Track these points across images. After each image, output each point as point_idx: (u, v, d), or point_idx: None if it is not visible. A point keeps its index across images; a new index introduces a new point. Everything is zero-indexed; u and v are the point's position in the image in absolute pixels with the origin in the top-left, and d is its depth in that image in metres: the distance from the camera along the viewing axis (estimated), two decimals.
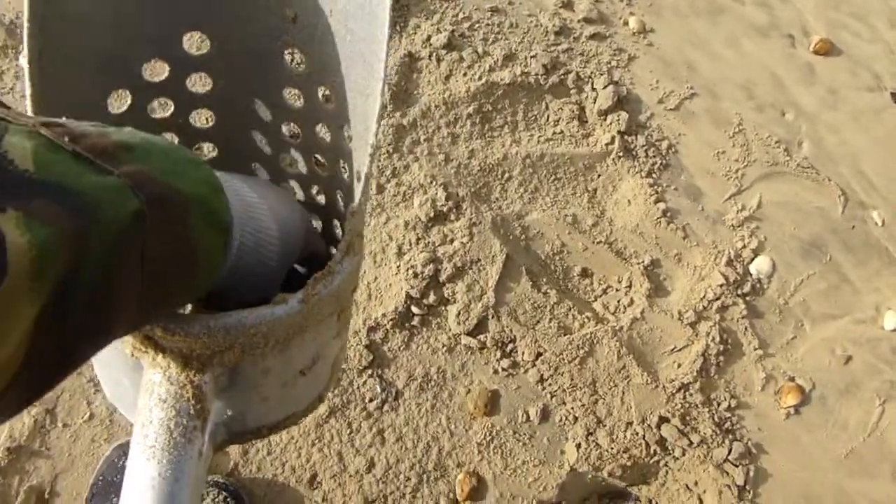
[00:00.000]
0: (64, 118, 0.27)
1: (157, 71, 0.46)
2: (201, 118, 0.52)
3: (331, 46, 0.43)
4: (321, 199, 0.53)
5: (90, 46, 0.40)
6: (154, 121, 0.49)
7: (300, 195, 0.55)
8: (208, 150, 0.54)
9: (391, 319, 1.09)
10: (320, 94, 0.47)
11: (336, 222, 0.52)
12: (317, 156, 0.50)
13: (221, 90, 0.49)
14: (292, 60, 0.47)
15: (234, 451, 1.00)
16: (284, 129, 0.51)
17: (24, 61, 0.35)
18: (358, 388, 1.06)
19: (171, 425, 0.34)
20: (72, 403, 0.99)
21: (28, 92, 0.36)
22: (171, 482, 0.34)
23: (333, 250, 0.48)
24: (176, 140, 0.51)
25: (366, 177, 0.39)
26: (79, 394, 0.99)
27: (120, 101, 0.45)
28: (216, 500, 0.93)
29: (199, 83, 0.49)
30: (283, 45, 0.45)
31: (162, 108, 0.49)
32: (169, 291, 0.30)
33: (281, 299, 0.35)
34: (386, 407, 1.06)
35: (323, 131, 0.48)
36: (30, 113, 0.37)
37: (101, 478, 0.93)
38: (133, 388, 0.38)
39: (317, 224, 0.55)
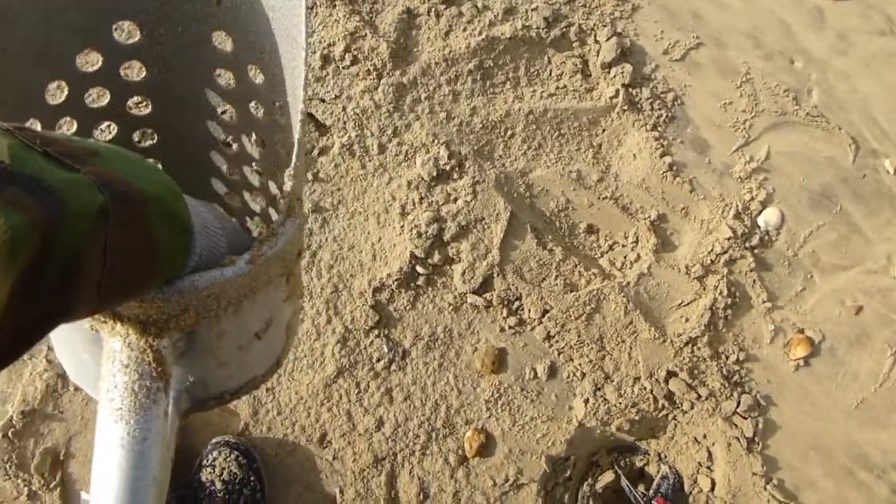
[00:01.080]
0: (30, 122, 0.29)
1: (90, 61, 0.48)
2: (141, 106, 0.54)
3: (255, 25, 0.44)
4: (254, 180, 0.55)
5: (24, 41, 0.41)
6: (91, 110, 0.50)
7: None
8: (148, 135, 0.56)
9: (396, 280, 1.09)
10: (251, 73, 0.48)
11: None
12: (253, 134, 0.52)
13: (155, 77, 0.51)
14: (220, 42, 0.48)
15: (244, 411, 1.01)
16: (223, 111, 0.53)
17: None
18: (365, 348, 1.06)
19: (136, 388, 0.36)
20: None
21: None
22: (139, 441, 0.36)
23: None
24: (116, 128, 0.54)
25: (298, 141, 0.40)
26: None
27: (58, 93, 0.47)
28: (228, 458, 0.94)
29: (133, 71, 0.50)
30: (211, 28, 0.46)
31: (100, 98, 0.50)
32: (128, 282, 0.32)
33: (229, 261, 0.37)
34: (393, 366, 1.07)
35: (257, 110, 0.50)
36: None
37: None
38: (94, 362, 0.40)
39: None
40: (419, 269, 1.10)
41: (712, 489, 1.09)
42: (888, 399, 1.16)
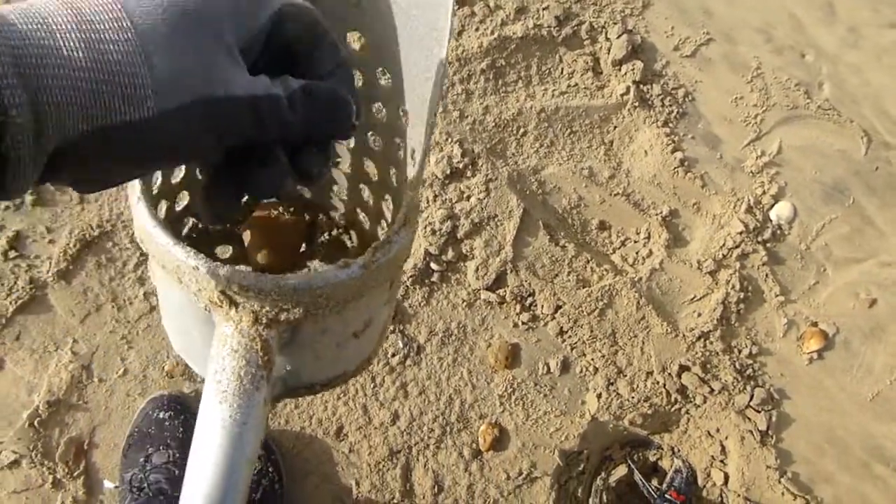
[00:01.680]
0: None
1: None
2: None
3: (391, 30, 0.45)
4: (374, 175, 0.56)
5: None
6: None
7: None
8: None
9: (411, 276, 1.10)
10: (378, 75, 0.49)
11: (387, 196, 0.54)
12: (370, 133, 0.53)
13: None
14: (354, 41, 0.49)
15: None
16: None
17: None
18: None
19: (242, 373, 0.37)
20: (106, 360, 1.03)
21: None
22: (239, 424, 0.37)
23: (380, 230, 0.55)
24: None
25: (423, 152, 0.42)
26: (112, 351, 1.03)
27: None
28: None
29: None
30: (346, 28, 0.48)
31: None
32: None
33: (344, 264, 0.39)
34: (408, 361, 1.08)
35: (379, 112, 0.51)
36: None
37: (136, 429, 0.97)
38: (201, 339, 0.42)
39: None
40: (433, 265, 1.12)
41: (726, 483, 1.10)
42: None
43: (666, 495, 1.06)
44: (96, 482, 0.98)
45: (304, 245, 0.60)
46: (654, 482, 1.09)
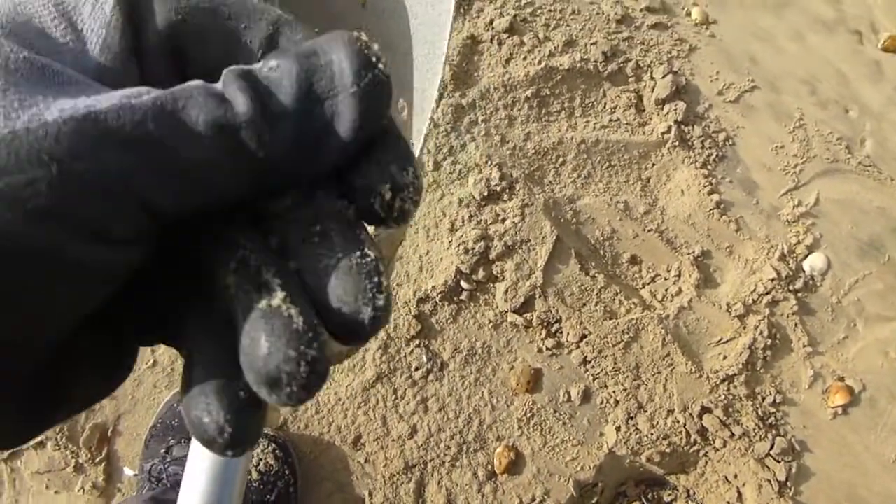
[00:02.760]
0: None
1: None
2: None
3: (396, 28, 0.46)
4: None
5: None
6: None
7: None
8: None
9: (440, 292, 1.11)
10: None
11: None
12: None
13: None
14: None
15: (284, 407, 1.05)
16: None
17: None
18: (405, 356, 1.09)
19: None
20: None
21: None
22: None
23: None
24: None
25: (422, 143, 0.42)
26: None
27: None
28: (265, 450, 0.97)
29: None
30: (350, 28, 0.49)
31: None
32: None
33: None
34: (431, 377, 1.09)
35: None
36: None
37: (160, 421, 0.98)
38: None
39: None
40: (463, 284, 1.13)
41: None
42: None
43: None
44: (116, 469, 1.00)
45: None
46: None
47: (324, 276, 0.18)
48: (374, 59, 0.18)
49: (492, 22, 1.28)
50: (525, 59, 1.27)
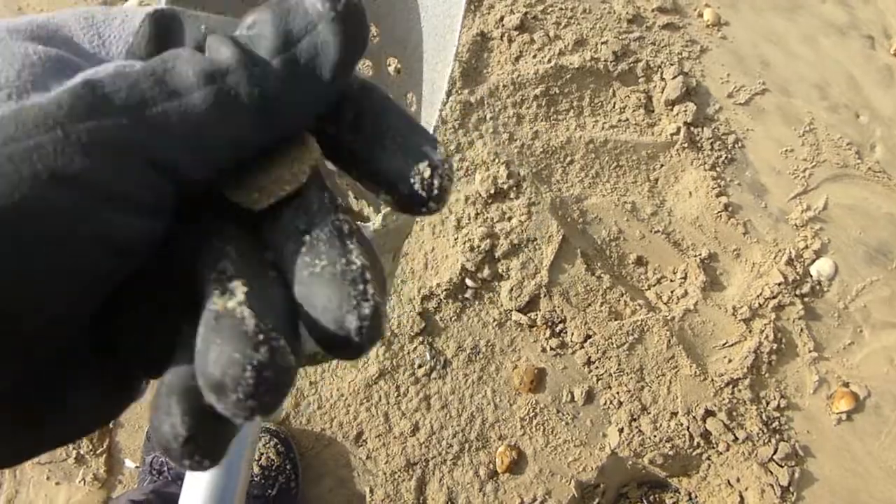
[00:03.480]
0: None
1: None
2: None
3: (405, 21, 0.46)
4: None
5: None
6: None
7: None
8: None
9: (445, 290, 1.11)
10: (389, 66, 0.49)
11: None
12: None
13: None
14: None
15: (287, 401, 1.04)
16: None
17: None
18: (408, 353, 1.08)
19: None
20: None
21: None
22: None
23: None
24: None
25: (435, 129, 0.41)
26: None
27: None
28: (267, 445, 0.97)
29: None
30: None
31: None
32: None
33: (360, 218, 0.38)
34: (434, 374, 1.08)
35: None
36: None
37: None
38: None
39: None
40: (468, 282, 1.12)
41: None
42: None
43: None
44: (118, 461, 0.99)
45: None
46: None
47: (308, 285, 0.17)
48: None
49: (502, 19, 1.27)
50: (535, 56, 1.26)
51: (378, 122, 0.19)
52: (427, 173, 0.19)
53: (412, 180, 0.19)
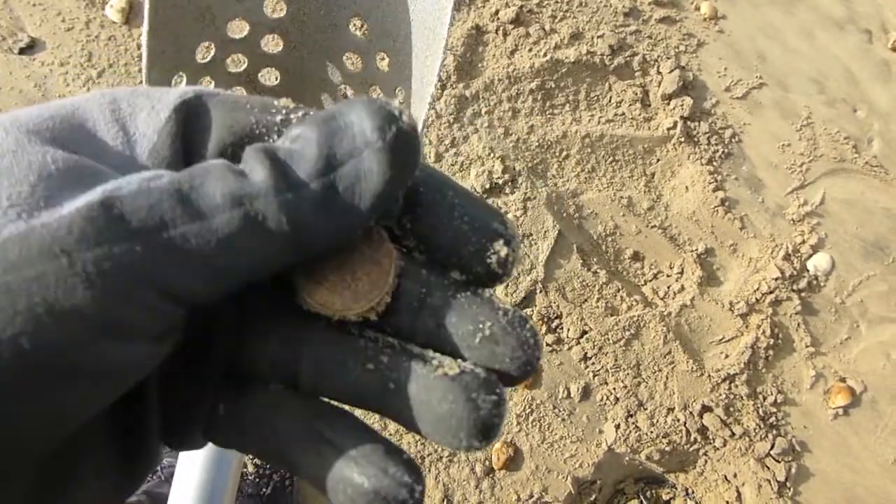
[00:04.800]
0: None
1: (239, 28, 0.51)
2: (270, 76, 0.57)
3: (394, 15, 0.45)
4: None
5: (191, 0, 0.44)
6: (229, 74, 0.53)
7: None
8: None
9: None
10: (377, 60, 0.49)
11: None
12: None
13: (290, 52, 0.53)
14: (355, 28, 0.50)
15: None
16: (342, 91, 0.55)
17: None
18: None
19: None
20: None
21: (144, 28, 0.40)
22: None
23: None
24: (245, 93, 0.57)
25: (423, 122, 0.42)
26: None
27: (207, 53, 0.50)
28: None
29: (271, 44, 0.54)
30: (350, 15, 0.48)
31: (235, 65, 0.54)
32: None
33: None
34: None
35: (375, 93, 0.52)
36: (144, 45, 0.40)
37: None
38: None
39: None
40: None
41: None
42: None
43: None
44: None
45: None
46: None
47: (487, 345, 0.18)
48: (396, 113, 0.17)
49: (497, 12, 1.26)
50: (530, 50, 1.25)
51: (443, 206, 0.19)
52: (504, 252, 0.18)
53: (488, 260, 0.18)
